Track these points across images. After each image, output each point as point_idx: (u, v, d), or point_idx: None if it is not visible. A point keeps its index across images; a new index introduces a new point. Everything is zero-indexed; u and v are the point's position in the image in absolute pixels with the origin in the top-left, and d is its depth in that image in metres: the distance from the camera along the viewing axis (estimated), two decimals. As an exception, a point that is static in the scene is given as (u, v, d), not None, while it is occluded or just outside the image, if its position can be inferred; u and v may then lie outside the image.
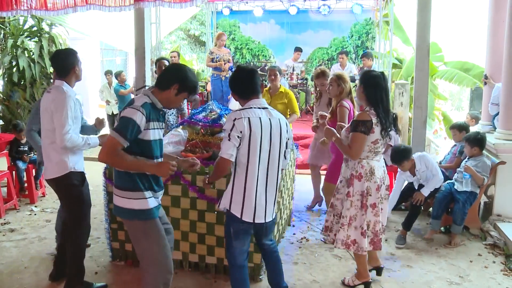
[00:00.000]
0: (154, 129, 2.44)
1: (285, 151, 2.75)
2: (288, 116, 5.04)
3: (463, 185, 4.28)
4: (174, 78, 2.45)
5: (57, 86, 3.08)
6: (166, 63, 5.03)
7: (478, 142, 4.32)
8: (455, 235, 4.21)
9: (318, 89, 5.02)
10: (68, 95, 3.02)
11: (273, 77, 5.18)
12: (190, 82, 2.46)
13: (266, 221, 2.68)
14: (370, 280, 3.32)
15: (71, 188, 3.13)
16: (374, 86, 3.01)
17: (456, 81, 9.50)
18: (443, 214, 4.32)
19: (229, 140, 2.52)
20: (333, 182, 3.12)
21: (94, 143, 3.19)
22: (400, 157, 4.23)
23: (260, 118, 2.57)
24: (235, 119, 2.52)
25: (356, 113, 3.48)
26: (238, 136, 2.51)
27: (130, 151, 2.39)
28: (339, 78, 4.21)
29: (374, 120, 2.97)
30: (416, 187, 4.40)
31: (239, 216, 2.62)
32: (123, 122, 2.35)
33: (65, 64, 3.11)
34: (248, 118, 2.53)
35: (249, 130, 2.52)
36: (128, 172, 2.43)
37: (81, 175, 3.21)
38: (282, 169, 2.82)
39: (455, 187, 4.33)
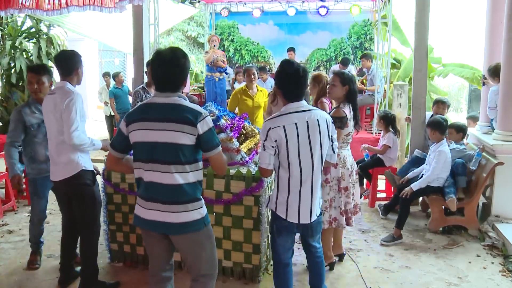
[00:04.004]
0: None
1: (332, 145, 2.77)
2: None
3: (471, 165, 4.56)
4: (185, 73, 2.34)
5: (60, 86, 3.05)
6: None
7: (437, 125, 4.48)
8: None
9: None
10: (76, 93, 3.01)
11: (252, 76, 5.28)
12: (189, 63, 2.36)
13: (312, 220, 2.69)
14: (334, 261, 3.67)
15: (84, 187, 3.12)
16: (352, 85, 3.41)
17: (453, 74, 9.54)
18: (466, 172, 4.50)
19: (264, 150, 2.59)
20: None
21: (98, 145, 3.19)
22: (438, 125, 4.43)
23: (296, 124, 2.55)
24: (269, 129, 2.55)
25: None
26: (272, 146, 2.56)
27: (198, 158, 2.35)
28: (314, 79, 4.27)
29: (348, 115, 3.36)
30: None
31: (284, 217, 2.65)
32: (215, 132, 2.33)
33: (69, 64, 3.07)
34: (283, 126, 2.54)
35: (285, 137, 2.53)
36: (200, 182, 2.37)
37: (92, 174, 3.22)
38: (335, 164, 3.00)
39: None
